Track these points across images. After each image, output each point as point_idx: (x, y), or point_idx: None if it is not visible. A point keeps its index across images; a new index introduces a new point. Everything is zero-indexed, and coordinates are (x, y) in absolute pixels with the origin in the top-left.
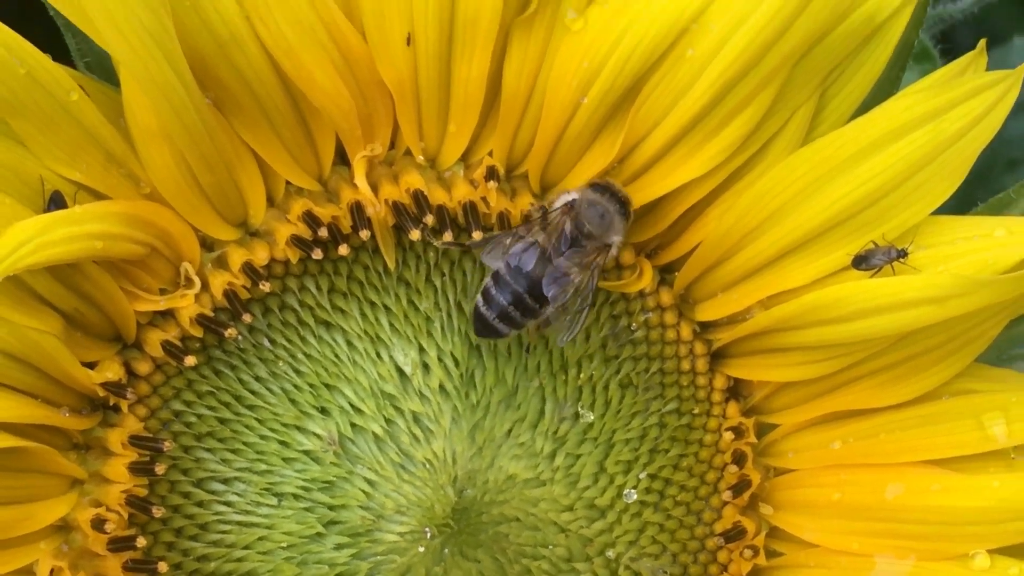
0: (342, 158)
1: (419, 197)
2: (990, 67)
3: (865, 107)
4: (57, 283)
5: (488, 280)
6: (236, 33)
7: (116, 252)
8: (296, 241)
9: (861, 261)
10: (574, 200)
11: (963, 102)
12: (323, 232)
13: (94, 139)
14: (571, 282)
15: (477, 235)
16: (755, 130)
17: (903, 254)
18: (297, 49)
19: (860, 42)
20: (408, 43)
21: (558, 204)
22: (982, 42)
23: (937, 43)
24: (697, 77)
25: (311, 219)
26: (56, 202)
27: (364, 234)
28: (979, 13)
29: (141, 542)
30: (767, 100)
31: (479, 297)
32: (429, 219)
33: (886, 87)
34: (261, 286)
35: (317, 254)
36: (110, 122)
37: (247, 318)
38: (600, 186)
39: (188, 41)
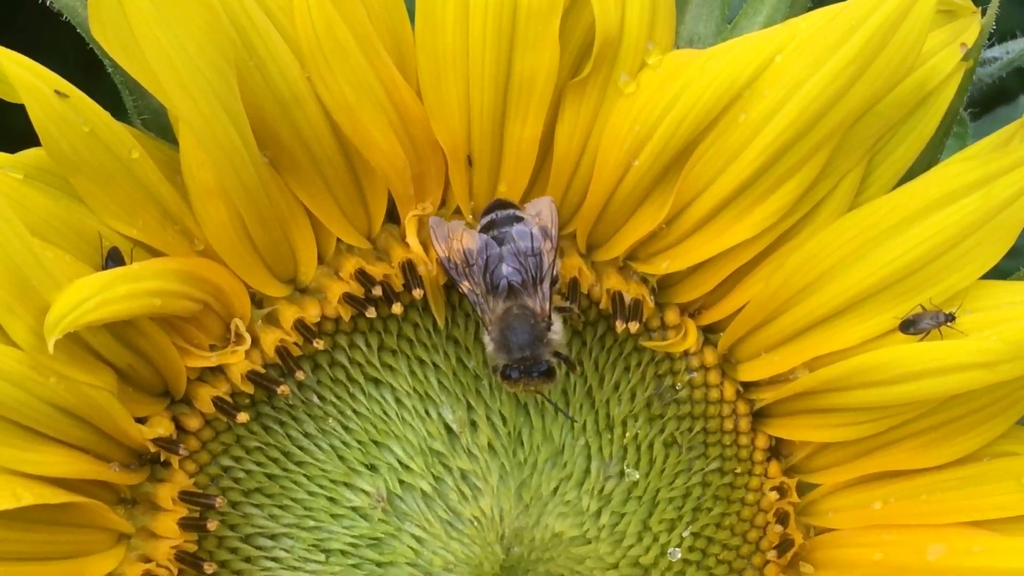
0: (390, 216)
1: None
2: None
3: (909, 175)
4: (113, 339)
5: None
6: (298, 93)
7: (172, 308)
8: (348, 299)
9: (909, 325)
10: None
11: (1013, 170)
12: (376, 291)
13: (152, 196)
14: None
15: None
16: (805, 194)
17: (951, 318)
18: (356, 109)
19: (910, 109)
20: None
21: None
22: None
23: None
24: (749, 142)
25: (364, 277)
26: (114, 258)
27: (417, 293)
28: None
29: None
30: (818, 165)
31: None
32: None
33: (929, 152)
34: (315, 344)
35: (371, 312)
36: (167, 179)
37: (300, 375)
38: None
39: (250, 100)
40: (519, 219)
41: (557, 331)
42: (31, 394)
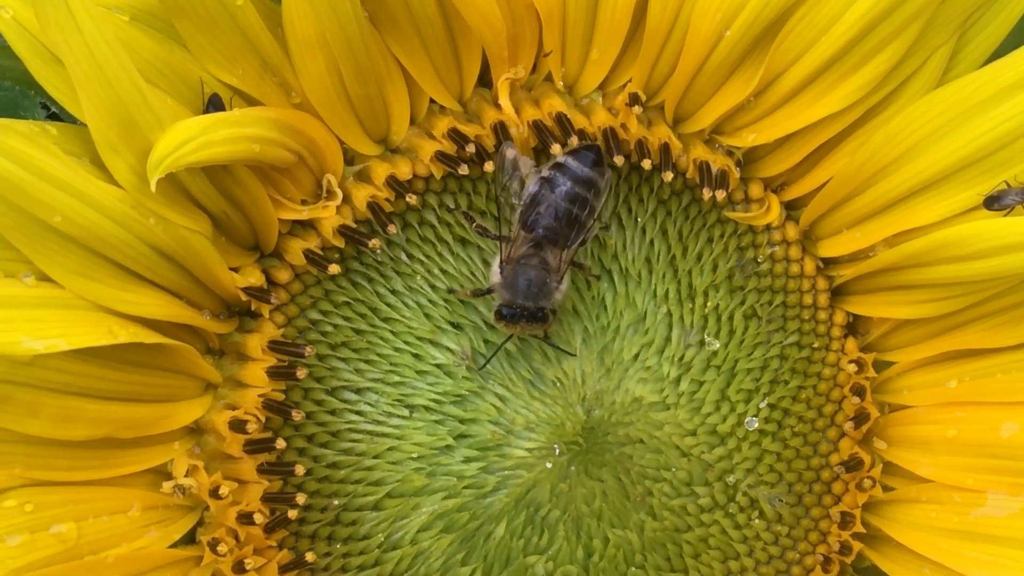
0: (481, 81)
1: (562, 119)
2: None
3: (995, 56)
4: (210, 185)
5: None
6: None
7: (269, 157)
8: (440, 157)
9: (993, 201)
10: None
11: None
12: (469, 148)
13: (252, 46)
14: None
15: (619, 160)
16: (894, 68)
17: None
18: None
19: None
20: None
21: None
22: None
23: None
24: (842, 14)
25: (457, 136)
26: (215, 104)
27: (509, 152)
28: None
29: (280, 443)
30: (908, 39)
31: None
32: (573, 140)
33: (1017, 35)
34: (408, 199)
35: (463, 169)
36: (269, 30)
37: (392, 229)
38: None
39: None
40: (599, 164)
41: (563, 289)
42: (131, 233)
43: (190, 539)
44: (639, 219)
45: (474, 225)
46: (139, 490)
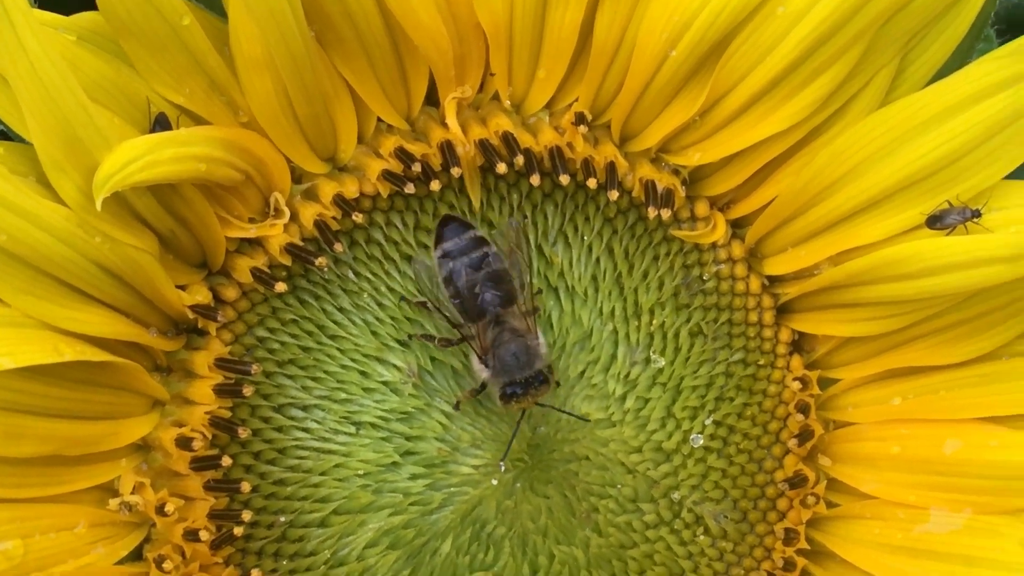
0: (428, 101)
1: (508, 138)
2: None
3: (938, 76)
4: (157, 203)
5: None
6: None
7: (216, 176)
8: (387, 176)
9: (935, 220)
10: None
11: None
12: (416, 168)
13: (200, 65)
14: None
15: (564, 179)
16: (838, 88)
17: (977, 214)
18: None
19: (944, 8)
20: None
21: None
22: None
23: None
24: (786, 34)
25: (404, 155)
26: (161, 123)
27: (455, 171)
28: None
29: (226, 461)
30: (852, 60)
31: None
32: (518, 160)
33: (959, 56)
34: (353, 217)
35: (409, 188)
36: (216, 50)
37: (338, 247)
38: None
39: None
40: (484, 241)
41: (543, 343)
42: (77, 251)
43: (137, 556)
44: (585, 237)
45: (437, 341)
46: (86, 507)
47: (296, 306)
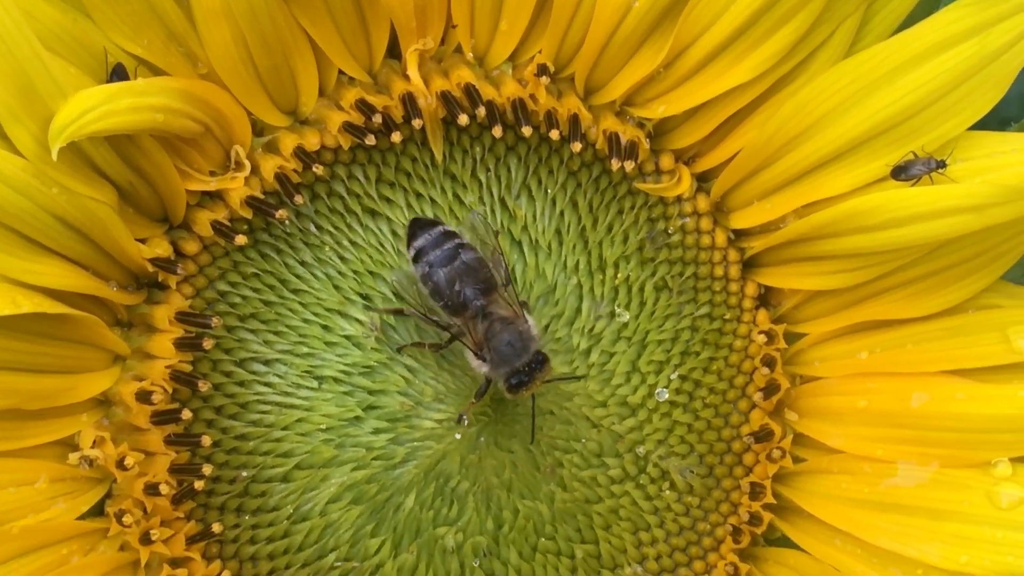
0: (391, 53)
1: (471, 90)
2: None
3: (904, 26)
4: (115, 155)
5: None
6: None
7: (174, 127)
8: (348, 128)
9: (900, 171)
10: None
11: (1009, 17)
12: (376, 119)
13: (157, 15)
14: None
15: (527, 130)
16: (801, 39)
17: (942, 165)
18: None
19: None
20: None
21: None
22: None
23: None
24: None
25: (365, 107)
26: (119, 74)
27: (416, 123)
28: None
29: (186, 414)
30: (816, 10)
31: None
32: (480, 111)
33: (926, 7)
34: (314, 169)
35: (370, 140)
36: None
37: (298, 199)
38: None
39: None
40: (453, 234)
41: (533, 324)
42: (33, 202)
43: (98, 511)
44: (549, 190)
45: (428, 346)
46: (46, 462)
47: (257, 260)
